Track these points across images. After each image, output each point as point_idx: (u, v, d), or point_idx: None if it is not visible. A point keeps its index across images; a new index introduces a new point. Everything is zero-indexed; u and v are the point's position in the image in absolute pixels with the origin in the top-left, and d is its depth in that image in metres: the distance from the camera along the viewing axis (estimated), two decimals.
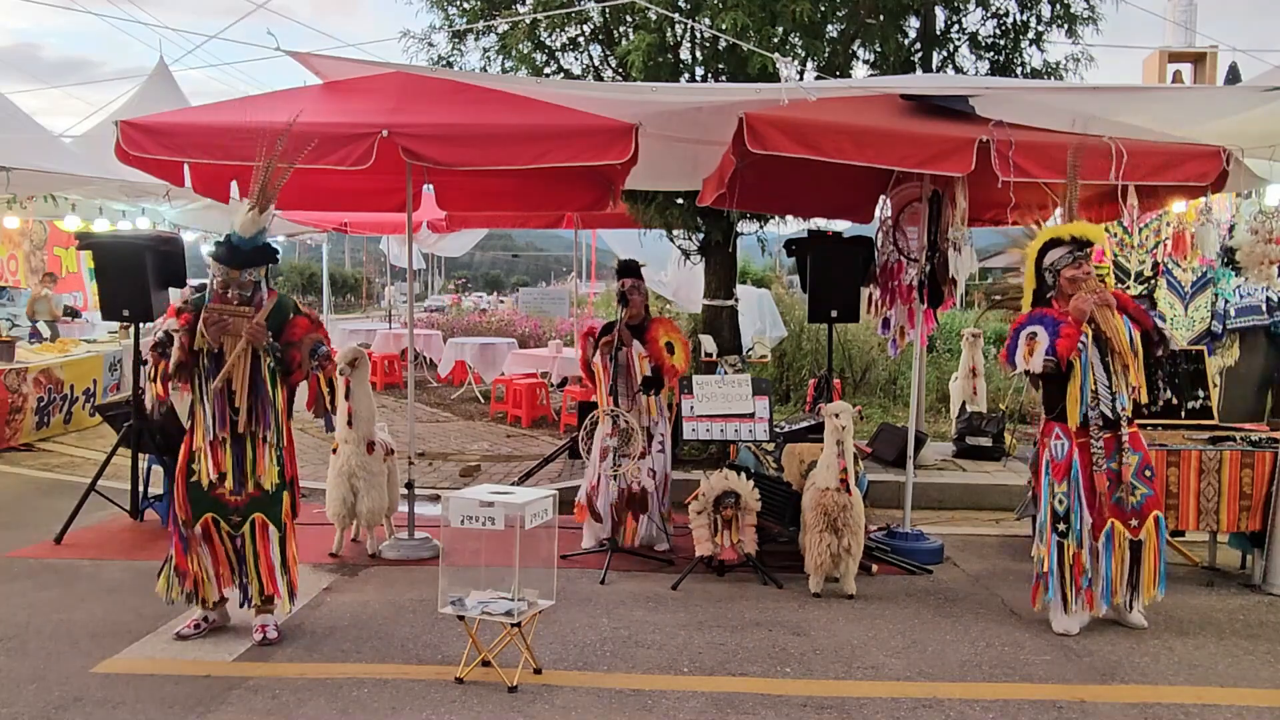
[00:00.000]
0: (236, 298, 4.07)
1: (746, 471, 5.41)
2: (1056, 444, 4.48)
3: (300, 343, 4.15)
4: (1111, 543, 4.41)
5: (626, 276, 5.82)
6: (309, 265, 39.20)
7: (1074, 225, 4.47)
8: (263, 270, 4.16)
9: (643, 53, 6.86)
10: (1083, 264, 4.40)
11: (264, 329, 4.04)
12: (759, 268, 18.02)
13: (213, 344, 4.03)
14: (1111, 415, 4.36)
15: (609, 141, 5.00)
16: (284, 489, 4.17)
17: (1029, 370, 4.40)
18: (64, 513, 5.77)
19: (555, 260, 58.32)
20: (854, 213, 6.85)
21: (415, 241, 10.11)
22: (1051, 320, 4.40)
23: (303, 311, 4.27)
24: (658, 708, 3.62)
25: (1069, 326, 4.33)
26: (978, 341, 9.46)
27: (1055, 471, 4.47)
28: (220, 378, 4.00)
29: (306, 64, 5.77)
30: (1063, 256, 4.44)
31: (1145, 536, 4.41)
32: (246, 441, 4.09)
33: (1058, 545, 4.44)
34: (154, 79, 9.63)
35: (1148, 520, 4.41)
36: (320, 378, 4.24)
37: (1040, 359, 4.35)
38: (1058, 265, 4.45)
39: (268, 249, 4.16)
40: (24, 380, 8.55)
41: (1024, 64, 7.79)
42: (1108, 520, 4.40)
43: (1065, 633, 4.45)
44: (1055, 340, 4.33)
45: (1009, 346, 4.55)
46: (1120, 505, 4.39)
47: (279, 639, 4.12)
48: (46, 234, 13.00)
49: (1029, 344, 4.42)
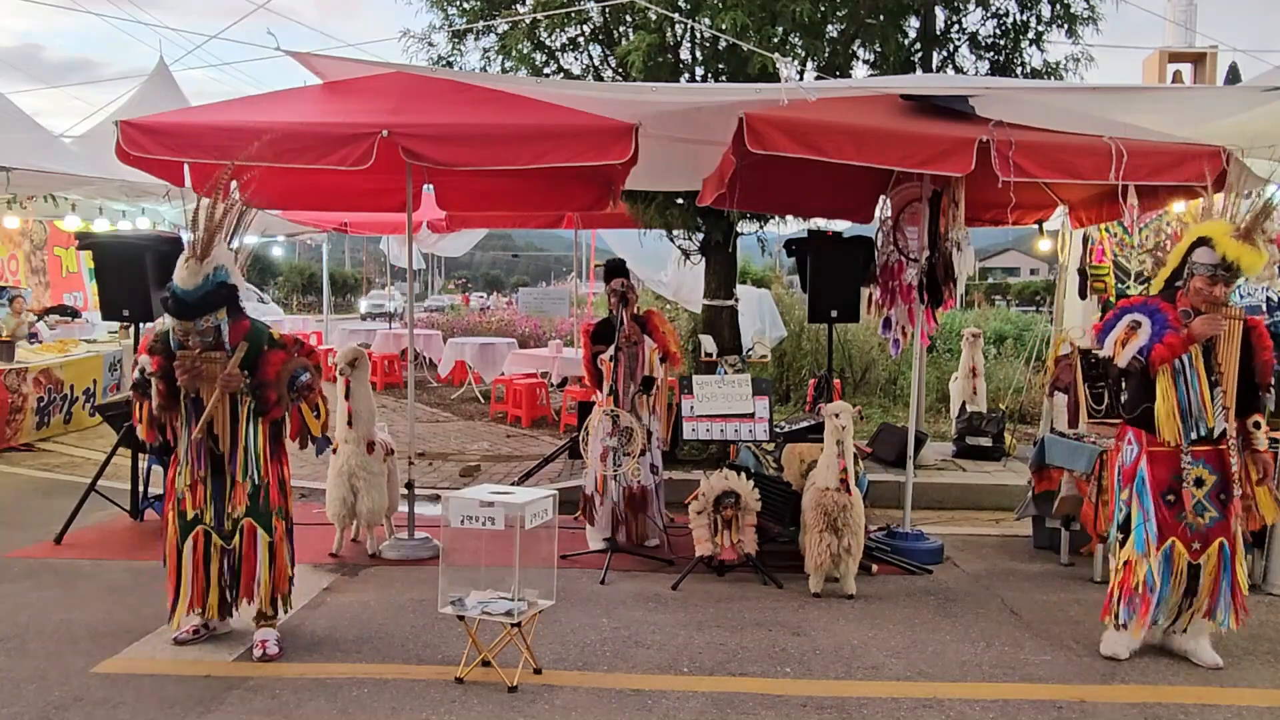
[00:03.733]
0: (199, 345, 3.87)
1: (746, 471, 5.41)
2: (1127, 449, 4.22)
3: (275, 381, 3.97)
4: (1170, 562, 4.10)
5: (620, 276, 5.83)
6: (309, 265, 39.19)
7: (1237, 245, 3.97)
8: (221, 312, 3.89)
9: (643, 53, 6.86)
10: (1219, 284, 3.98)
11: (238, 377, 3.88)
12: (759, 268, 18.04)
13: (188, 391, 3.92)
14: (1200, 433, 4.06)
15: (609, 141, 5.00)
16: (268, 503, 4.04)
17: (1113, 359, 4.08)
18: (64, 513, 5.77)
19: (555, 260, 58.41)
20: (854, 213, 6.85)
21: (415, 241, 10.11)
22: (1164, 319, 4.02)
23: (278, 343, 4.02)
24: (658, 708, 3.62)
25: (1177, 336, 3.97)
26: (978, 341, 9.47)
27: (1124, 477, 4.23)
28: (199, 427, 3.89)
29: (306, 64, 5.77)
30: (1206, 265, 4.00)
31: (1205, 561, 4.11)
32: (226, 479, 3.98)
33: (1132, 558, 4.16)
34: (154, 79, 9.63)
35: (1211, 545, 4.10)
36: (303, 407, 4.06)
37: (1130, 354, 4.03)
38: (1197, 269, 4.03)
39: (221, 289, 3.85)
40: (24, 380, 8.55)
41: (1024, 64, 7.78)
42: (1168, 538, 4.10)
43: (1114, 656, 4.18)
44: (1155, 342, 3.99)
45: (1106, 323, 4.20)
46: (1185, 524, 4.09)
47: (279, 655, 4.02)
48: (46, 234, 13.00)
49: (1127, 331, 4.07)
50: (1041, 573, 5.53)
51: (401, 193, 5.66)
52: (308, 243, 22.71)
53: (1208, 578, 4.13)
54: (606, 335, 5.75)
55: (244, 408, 3.97)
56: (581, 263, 17.91)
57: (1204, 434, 4.07)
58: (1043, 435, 6.18)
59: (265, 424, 4.03)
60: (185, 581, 4.01)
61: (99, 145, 7.14)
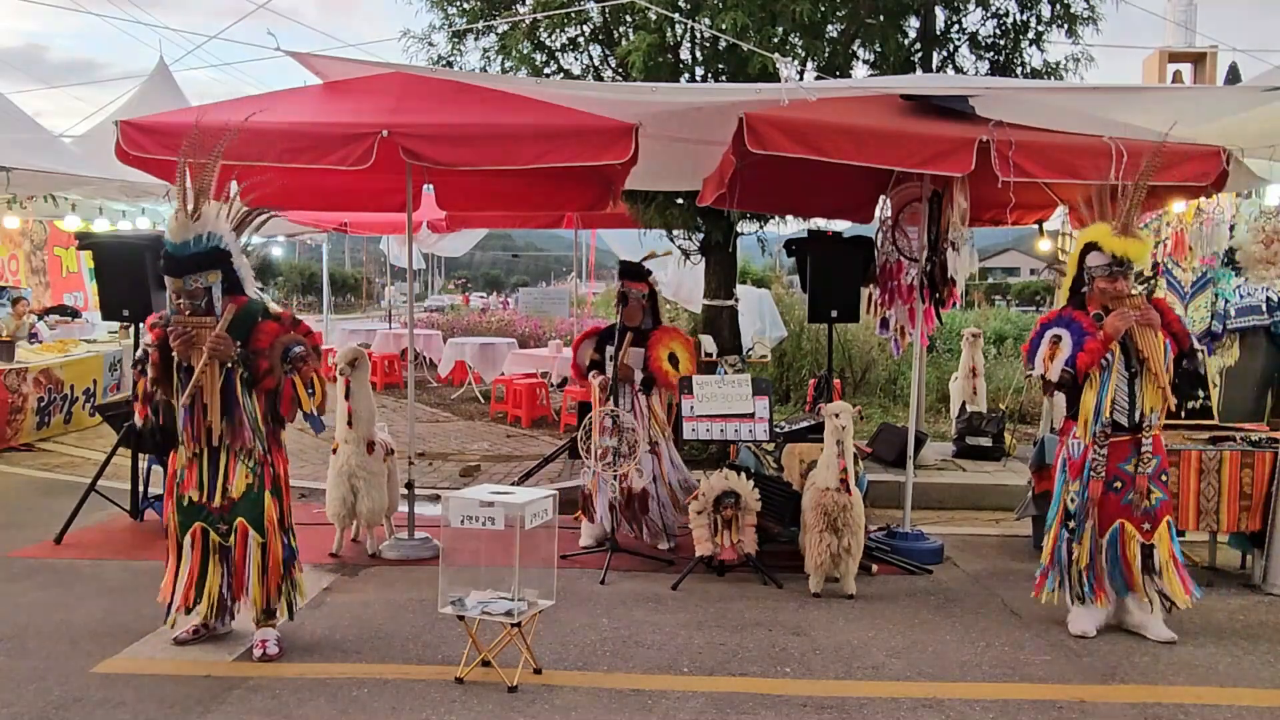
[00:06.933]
0: (187, 307, 3.86)
1: (746, 471, 5.41)
2: (1074, 443, 4.45)
3: (268, 350, 3.94)
4: (1119, 541, 4.37)
5: (626, 278, 5.82)
6: (309, 265, 39.19)
7: (1120, 241, 4.26)
8: (213, 276, 3.89)
9: (643, 53, 6.86)
10: (1118, 280, 4.26)
11: (225, 340, 3.83)
12: (759, 268, 18.04)
13: (181, 359, 3.91)
14: (1127, 424, 4.34)
15: (609, 141, 5.00)
16: (263, 494, 4.01)
17: (1045, 377, 4.36)
18: (64, 513, 5.77)
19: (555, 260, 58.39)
20: (854, 213, 6.85)
21: (415, 241, 10.11)
22: (1079, 328, 4.30)
23: (272, 315, 4.03)
24: (658, 708, 3.62)
25: (1095, 341, 4.24)
26: (978, 341, 9.47)
27: (1071, 470, 4.45)
28: (187, 393, 3.85)
29: (306, 64, 5.77)
30: (1100, 266, 4.30)
31: (1158, 540, 4.37)
32: (221, 454, 3.97)
33: (1066, 542, 4.45)
34: (154, 79, 9.64)
35: (1160, 525, 4.38)
36: (296, 380, 3.99)
37: (1059, 369, 4.30)
38: (1094, 272, 4.33)
39: (213, 253, 3.87)
40: (24, 380, 8.55)
41: (1024, 64, 7.79)
42: (1115, 520, 4.38)
43: (1083, 634, 4.41)
44: (1078, 352, 4.26)
45: (1031, 343, 4.47)
46: (1132, 507, 4.35)
47: (279, 655, 4.01)
48: (46, 234, 13.00)
49: (1052, 347, 4.35)
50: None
51: (401, 193, 5.66)
52: (308, 243, 22.71)
53: (1166, 554, 4.37)
54: (608, 339, 5.74)
55: (237, 379, 3.92)
56: (581, 263, 17.92)
57: (1130, 424, 4.34)
58: (1043, 435, 6.18)
59: (261, 396, 3.99)
60: (181, 578, 4.01)
61: (99, 145, 7.14)
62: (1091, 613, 4.47)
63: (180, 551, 4.02)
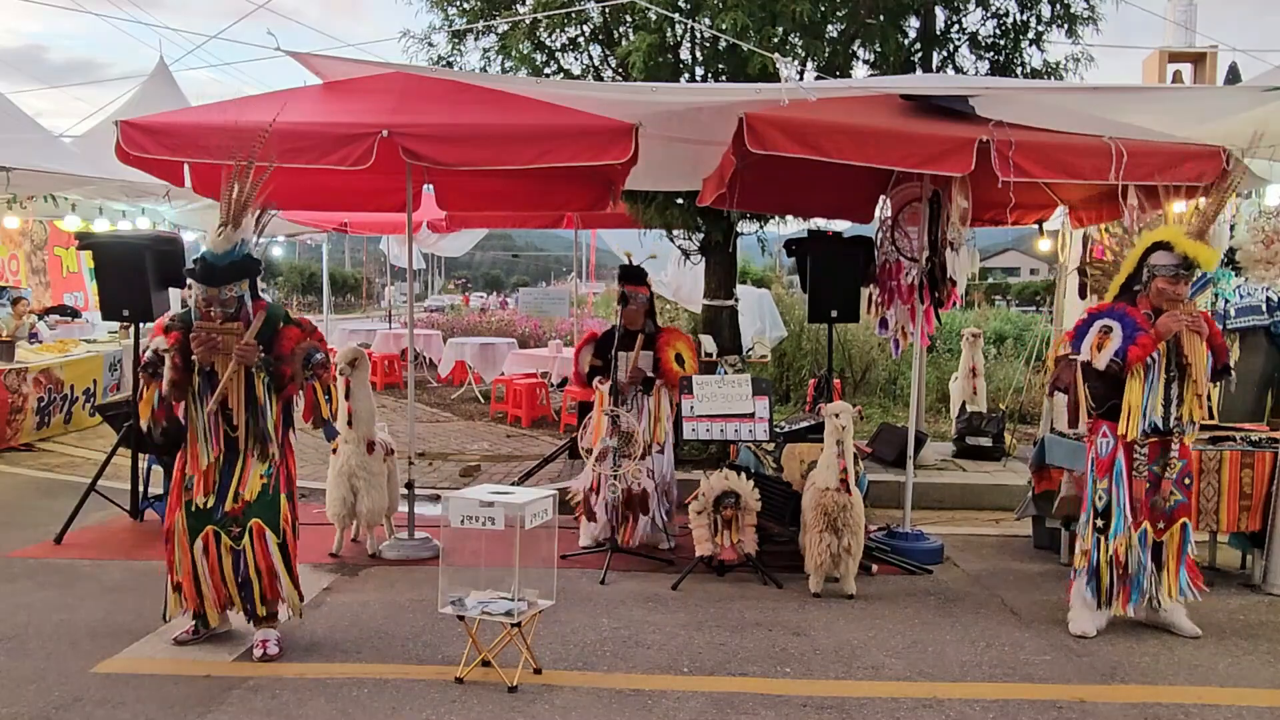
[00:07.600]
0: (220, 315, 3.93)
1: (746, 471, 5.41)
2: (1103, 441, 4.46)
3: (291, 356, 4.00)
4: (1145, 543, 4.41)
5: (626, 281, 5.82)
6: (309, 265, 39.18)
7: (1194, 245, 4.26)
8: (245, 284, 3.99)
9: (643, 53, 6.86)
10: (1180, 283, 4.28)
11: (255, 348, 3.90)
12: (759, 268, 18.04)
13: (203, 364, 3.93)
14: (1162, 426, 4.35)
15: (609, 141, 5.00)
16: (278, 496, 4.04)
17: (1092, 364, 4.31)
18: (64, 513, 5.77)
19: (555, 260, 58.37)
20: (854, 213, 6.85)
21: (415, 241, 10.11)
22: (1133, 322, 4.29)
23: (293, 320, 4.11)
24: (658, 708, 3.62)
25: (1147, 336, 4.24)
26: (978, 341, 9.47)
27: (1099, 468, 4.47)
28: (214, 399, 3.90)
29: (306, 64, 5.77)
30: (1167, 266, 4.29)
31: (1168, 540, 4.42)
32: (237, 457, 3.99)
33: (1096, 543, 4.46)
34: (154, 79, 9.62)
35: (1174, 525, 4.42)
36: (316, 386, 4.06)
37: (1107, 358, 4.27)
38: (1157, 271, 4.31)
39: (247, 262, 3.98)
40: (24, 380, 8.55)
41: (1024, 64, 7.78)
42: (1142, 522, 4.41)
43: (1083, 634, 4.43)
44: (1129, 345, 4.24)
45: (1077, 330, 4.45)
46: (1155, 508, 4.39)
47: (279, 655, 4.01)
48: (47, 234, 12.99)
49: (1101, 336, 4.31)
50: (1041, 573, 5.53)
51: (401, 193, 5.66)
52: (308, 243, 22.72)
53: (1172, 556, 4.43)
54: (607, 344, 5.75)
55: (259, 384, 3.97)
56: (581, 263, 17.91)
57: (1162, 428, 4.35)
58: (1043, 435, 6.18)
59: (279, 402, 4.04)
60: (187, 579, 4.00)
61: (99, 145, 7.14)
62: (1093, 613, 4.48)
63: (192, 557, 4.00)
